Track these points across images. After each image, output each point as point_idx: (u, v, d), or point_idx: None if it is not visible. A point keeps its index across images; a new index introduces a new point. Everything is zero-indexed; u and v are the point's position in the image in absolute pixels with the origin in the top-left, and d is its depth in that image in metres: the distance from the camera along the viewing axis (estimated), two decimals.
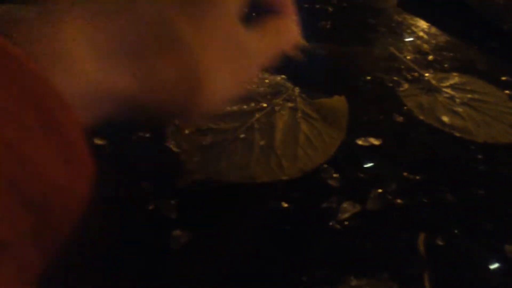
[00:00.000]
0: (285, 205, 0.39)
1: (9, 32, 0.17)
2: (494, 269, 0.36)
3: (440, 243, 0.37)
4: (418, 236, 0.36)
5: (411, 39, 0.69)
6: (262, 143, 0.44)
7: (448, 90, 0.57)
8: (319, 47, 0.62)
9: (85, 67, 0.19)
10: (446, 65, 0.63)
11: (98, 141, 0.42)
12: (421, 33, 0.70)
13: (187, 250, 0.35)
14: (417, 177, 0.43)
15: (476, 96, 0.57)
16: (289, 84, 0.53)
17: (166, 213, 0.37)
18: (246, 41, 0.27)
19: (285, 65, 0.58)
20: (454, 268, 0.35)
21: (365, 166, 0.44)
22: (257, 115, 0.48)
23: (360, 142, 0.47)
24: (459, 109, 0.54)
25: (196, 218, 0.37)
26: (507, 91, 0.58)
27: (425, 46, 0.67)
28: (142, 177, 0.40)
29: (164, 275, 0.33)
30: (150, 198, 0.38)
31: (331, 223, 0.38)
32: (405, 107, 0.53)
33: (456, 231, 0.38)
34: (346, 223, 0.38)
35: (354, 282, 0.34)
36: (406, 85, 0.57)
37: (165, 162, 0.42)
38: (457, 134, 0.50)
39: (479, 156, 0.47)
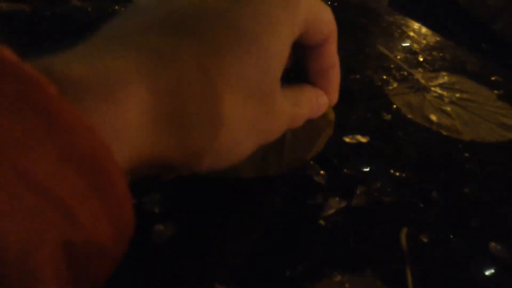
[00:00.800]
0: (271, 200, 0.39)
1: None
2: (478, 266, 0.36)
3: (424, 240, 0.37)
4: (401, 231, 0.36)
5: (401, 38, 0.69)
6: None
7: (437, 89, 0.57)
8: None
9: (139, 130, 0.20)
10: (436, 65, 0.63)
11: None
12: (411, 33, 0.70)
13: (170, 245, 0.35)
14: (404, 175, 0.43)
15: (464, 95, 0.57)
16: None
17: (149, 207, 0.37)
18: (280, 105, 0.28)
19: None
20: (438, 264, 0.35)
21: (352, 163, 0.44)
22: None
23: (347, 139, 0.47)
24: (447, 108, 0.54)
25: (181, 213, 0.37)
26: (496, 91, 0.58)
27: (415, 46, 0.67)
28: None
29: (146, 270, 0.33)
30: (132, 192, 0.38)
31: (316, 219, 0.38)
32: (393, 106, 0.53)
33: (440, 228, 0.38)
34: (331, 219, 0.38)
35: (337, 278, 0.34)
36: (395, 84, 0.57)
37: None
38: (445, 133, 0.50)
39: (466, 155, 0.47)
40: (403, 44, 0.67)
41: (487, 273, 0.35)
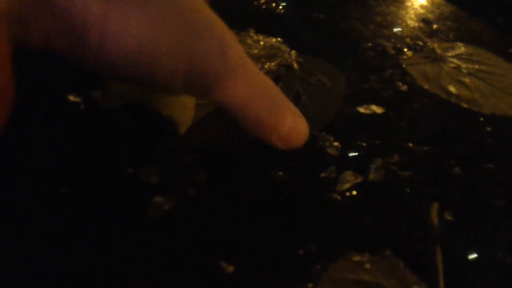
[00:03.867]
0: (280, 174, 0.35)
1: None
2: (505, 246, 0.33)
3: (448, 217, 0.34)
4: (431, 207, 0.33)
5: (413, 7, 0.64)
6: None
7: (454, 60, 0.53)
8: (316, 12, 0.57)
9: None
10: (451, 35, 0.59)
11: (72, 98, 0.37)
12: (424, 2, 0.66)
13: (169, 220, 0.31)
14: (423, 149, 0.40)
15: (483, 67, 0.53)
16: (285, 47, 0.49)
17: (146, 178, 0.33)
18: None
19: (281, 27, 0.54)
20: (464, 245, 0.32)
21: (367, 135, 0.40)
22: None
23: (361, 109, 0.43)
24: (466, 80, 0.50)
25: (181, 186, 0.33)
26: None
27: (429, 15, 0.63)
28: (119, 140, 0.36)
29: (142, 247, 0.29)
30: (128, 162, 0.34)
31: (330, 194, 0.34)
32: (408, 76, 0.49)
33: (465, 206, 0.35)
34: (346, 194, 0.35)
35: (356, 258, 0.31)
36: (409, 53, 0.54)
37: (146, 125, 0.38)
38: (464, 105, 0.46)
39: (488, 129, 0.44)
40: (416, 13, 0.63)
41: None
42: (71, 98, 0.37)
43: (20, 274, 0.27)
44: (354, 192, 0.35)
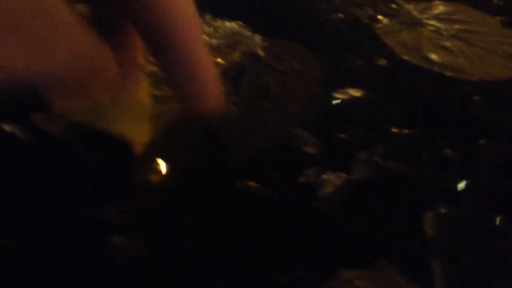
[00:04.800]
0: (253, 184, 0.31)
1: None
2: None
3: (443, 211, 0.30)
4: (423, 217, 0.29)
5: None
6: None
7: (433, 22, 0.49)
8: None
9: None
10: None
11: (7, 127, 0.33)
12: None
13: (135, 264, 0.27)
14: (409, 132, 0.36)
15: (465, 26, 0.49)
16: (247, 32, 0.44)
17: (102, 216, 0.29)
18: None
19: (240, 8, 0.49)
20: (463, 242, 0.29)
21: (346, 124, 0.36)
22: None
23: (338, 95, 0.39)
24: (448, 44, 0.46)
25: (147, 202, 0.29)
26: (499, 17, 0.50)
27: None
28: (68, 170, 0.32)
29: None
30: (80, 197, 0.30)
31: (311, 202, 0.31)
32: (386, 47, 0.45)
33: (461, 194, 0.32)
34: (330, 199, 0.31)
35: (346, 275, 0.27)
36: (384, 21, 0.49)
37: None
38: (449, 74, 0.42)
39: (476, 98, 0.40)
40: None
41: None
42: (6, 127, 0.33)
43: None
44: (338, 196, 0.31)
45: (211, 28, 0.44)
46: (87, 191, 0.30)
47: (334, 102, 0.38)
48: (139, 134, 0.32)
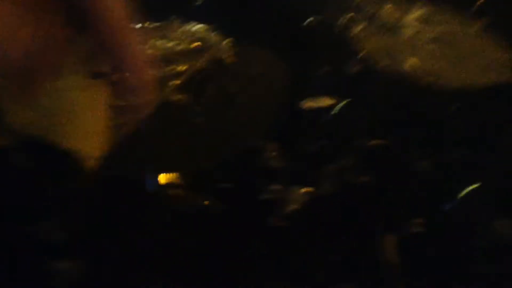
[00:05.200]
0: (208, 203, 0.29)
1: None
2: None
3: (418, 221, 0.29)
4: (383, 240, 0.27)
5: None
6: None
7: (413, 24, 0.47)
8: None
9: None
10: None
11: None
12: None
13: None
14: (381, 144, 0.34)
15: (444, 29, 0.47)
16: (215, 37, 0.42)
17: (47, 236, 0.27)
18: None
19: (208, 11, 0.47)
20: (433, 261, 0.27)
21: (316, 135, 0.34)
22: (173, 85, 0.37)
23: (308, 104, 0.37)
24: (427, 47, 0.44)
25: (90, 243, 0.27)
26: (480, 20, 0.49)
27: None
28: (13, 188, 0.29)
29: None
30: (25, 216, 0.28)
31: (275, 221, 0.29)
32: (360, 53, 0.43)
33: (435, 209, 0.30)
34: (295, 217, 0.29)
35: None
36: (360, 25, 0.47)
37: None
38: (429, 80, 0.41)
39: (457, 105, 0.38)
40: None
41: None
42: None
43: None
44: (304, 214, 0.29)
45: (177, 34, 0.42)
46: (30, 209, 0.28)
47: (302, 111, 0.36)
48: (91, 149, 0.31)
